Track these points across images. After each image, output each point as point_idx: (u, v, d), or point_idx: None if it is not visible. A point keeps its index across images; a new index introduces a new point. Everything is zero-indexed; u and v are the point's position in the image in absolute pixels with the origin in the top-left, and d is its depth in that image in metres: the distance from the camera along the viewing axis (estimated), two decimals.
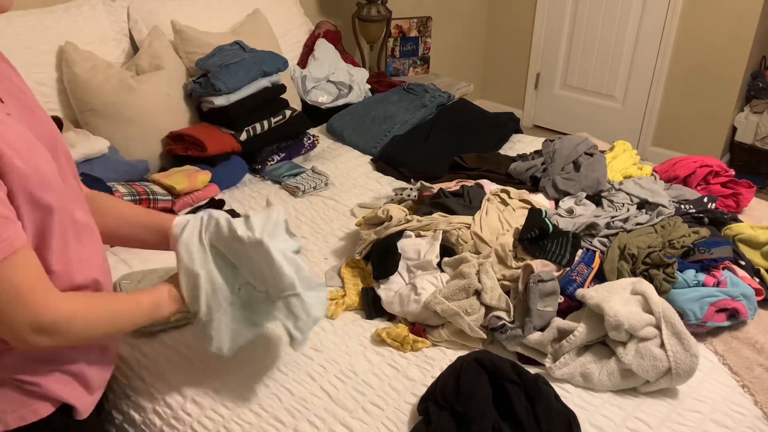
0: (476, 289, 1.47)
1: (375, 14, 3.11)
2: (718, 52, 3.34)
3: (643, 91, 3.70)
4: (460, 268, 1.51)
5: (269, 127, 2.29)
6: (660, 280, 1.50)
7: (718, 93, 3.42)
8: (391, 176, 2.29)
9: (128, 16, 2.31)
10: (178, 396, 1.35)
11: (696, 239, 1.65)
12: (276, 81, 2.36)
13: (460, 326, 1.43)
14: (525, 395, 1.20)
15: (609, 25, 3.68)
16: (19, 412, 0.95)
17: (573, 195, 1.93)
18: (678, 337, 1.31)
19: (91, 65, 2.07)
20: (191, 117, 2.29)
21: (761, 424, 1.25)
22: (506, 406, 1.19)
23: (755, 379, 1.36)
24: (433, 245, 1.63)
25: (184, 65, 2.31)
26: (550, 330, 1.39)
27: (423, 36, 3.54)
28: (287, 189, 2.19)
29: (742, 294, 1.48)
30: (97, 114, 2.07)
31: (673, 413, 1.28)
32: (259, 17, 2.58)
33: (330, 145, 2.54)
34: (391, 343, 1.46)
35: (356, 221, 1.93)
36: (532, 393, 1.20)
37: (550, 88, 4.09)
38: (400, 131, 2.51)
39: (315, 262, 1.79)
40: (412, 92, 2.76)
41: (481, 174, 2.14)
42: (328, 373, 1.39)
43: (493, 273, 1.52)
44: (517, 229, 1.69)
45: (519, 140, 2.57)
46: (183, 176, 2.00)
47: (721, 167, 2.04)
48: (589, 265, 1.57)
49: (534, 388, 1.21)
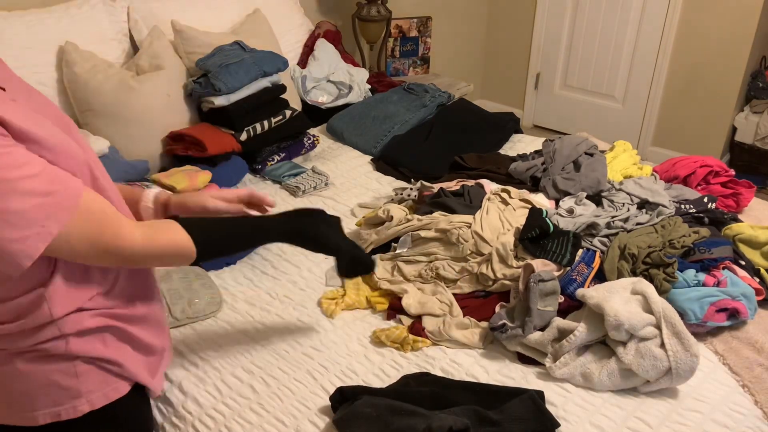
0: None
1: (375, 14, 3.11)
2: (718, 52, 3.34)
3: (643, 91, 3.70)
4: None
5: (269, 127, 2.29)
6: (660, 279, 1.50)
7: (718, 93, 3.42)
8: (391, 176, 2.29)
9: (128, 16, 2.31)
10: (179, 394, 1.35)
11: (696, 239, 1.65)
12: (276, 81, 2.36)
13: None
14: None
15: (609, 25, 3.68)
16: (104, 390, 1.02)
17: (573, 195, 1.93)
18: (678, 336, 1.31)
19: (91, 65, 2.07)
20: (191, 117, 2.29)
21: (761, 424, 1.25)
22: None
23: (755, 379, 1.36)
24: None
25: (184, 65, 2.31)
26: (550, 330, 1.39)
27: (423, 36, 3.54)
28: (287, 189, 2.19)
29: (742, 294, 1.48)
30: (97, 114, 2.07)
31: (673, 413, 1.28)
32: (259, 17, 2.58)
33: (330, 145, 2.54)
34: (390, 345, 1.46)
35: (356, 221, 1.93)
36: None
37: (550, 88, 4.09)
38: (400, 131, 2.51)
39: (315, 262, 1.79)
40: (412, 92, 2.76)
41: (481, 174, 2.14)
42: (329, 372, 1.39)
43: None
44: (517, 228, 1.70)
45: (519, 140, 2.57)
46: (183, 176, 2.00)
47: (721, 167, 2.04)
48: (590, 264, 1.58)
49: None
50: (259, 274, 1.75)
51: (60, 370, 0.97)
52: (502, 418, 1.20)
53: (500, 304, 1.54)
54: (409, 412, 1.19)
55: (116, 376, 1.04)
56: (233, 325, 1.55)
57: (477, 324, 1.49)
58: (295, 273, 1.74)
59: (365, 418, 1.17)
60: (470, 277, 1.63)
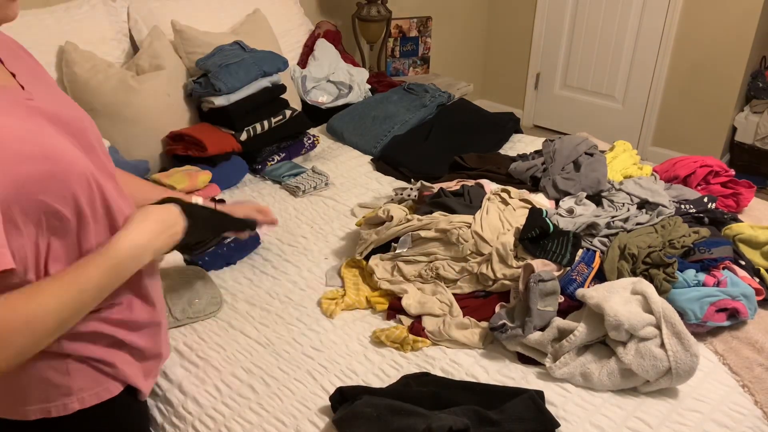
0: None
1: (375, 14, 3.11)
2: (718, 52, 3.34)
3: (643, 91, 3.70)
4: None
5: (269, 127, 2.29)
6: (660, 279, 1.50)
7: (718, 93, 3.42)
8: (391, 176, 2.29)
9: (128, 16, 2.31)
10: (179, 394, 1.35)
11: (696, 239, 1.65)
12: (276, 81, 2.36)
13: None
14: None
15: (609, 25, 3.68)
16: (96, 390, 1.02)
17: (573, 195, 1.93)
18: (678, 336, 1.31)
19: (91, 65, 2.07)
20: (191, 117, 2.29)
21: (761, 424, 1.25)
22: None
23: (755, 379, 1.36)
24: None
25: (184, 65, 2.31)
26: (550, 330, 1.39)
27: (423, 36, 3.54)
28: (287, 189, 2.19)
29: (742, 294, 1.48)
30: (97, 114, 2.07)
31: (673, 413, 1.28)
32: (259, 17, 2.58)
33: (330, 145, 2.54)
34: (390, 345, 1.46)
35: (356, 221, 1.93)
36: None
37: (550, 88, 4.09)
38: (400, 131, 2.51)
39: (315, 262, 1.79)
40: (412, 92, 2.76)
41: (481, 174, 2.14)
42: (329, 372, 1.39)
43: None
44: (517, 228, 1.70)
45: (519, 140, 2.57)
46: (184, 176, 2.00)
47: (721, 167, 2.04)
48: (590, 264, 1.58)
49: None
50: (259, 274, 1.75)
51: (51, 367, 0.97)
52: (502, 418, 1.20)
53: (500, 304, 1.54)
54: (409, 412, 1.19)
55: (108, 377, 1.03)
56: (233, 325, 1.55)
57: (477, 324, 1.49)
58: (295, 273, 1.74)
59: (365, 418, 1.17)
60: (470, 277, 1.63)
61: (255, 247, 1.84)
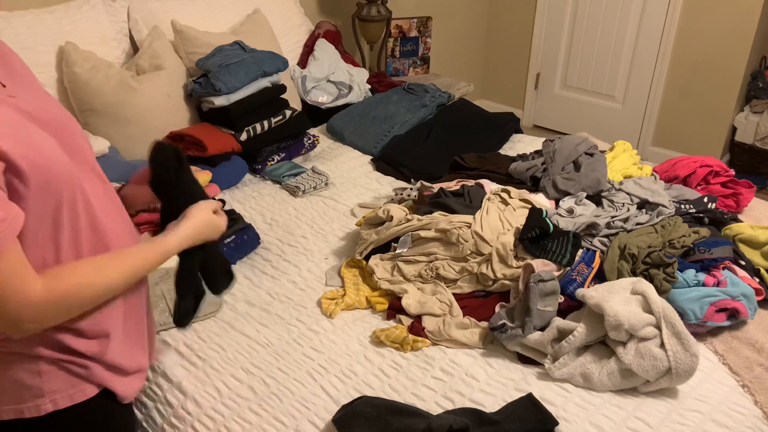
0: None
1: (375, 14, 3.11)
2: (718, 52, 3.34)
3: (643, 91, 3.70)
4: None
5: (269, 127, 2.29)
6: (660, 279, 1.50)
7: (718, 93, 3.42)
8: (391, 176, 2.29)
9: (128, 16, 2.31)
10: (179, 394, 1.35)
11: (696, 239, 1.65)
12: (276, 81, 2.36)
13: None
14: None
15: (609, 25, 3.68)
16: (69, 392, 1.00)
17: (573, 195, 1.93)
18: (678, 336, 1.31)
19: (91, 65, 2.07)
20: (191, 117, 2.29)
21: (761, 424, 1.25)
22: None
23: (755, 379, 1.36)
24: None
25: (185, 65, 2.31)
26: (550, 330, 1.39)
27: (423, 36, 3.54)
28: (287, 189, 2.19)
29: (742, 294, 1.48)
30: (97, 114, 2.07)
31: (673, 413, 1.28)
32: (259, 17, 2.58)
33: (330, 145, 2.54)
34: (390, 345, 1.46)
35: (356, 221, 1.93)
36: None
37: (550, 88, 4.09)
38: (400, 131, 2.51)
39: (315, 263, 1.79)
40: (412, 92, 2.76)
41: (481, 174, 2.14)
42: (329, 373, 1.39)
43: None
44: (517, 228, 1.69)
45: (519, 140, 2.57)
46: None
47: (721, 167, 2.04)
48: (590, 264, 1.58)
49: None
50: (259, 274, 1.75)
51: (23, 368, 0.96)
52: (501, 418, 1.20)
53: (500, 304, 1.54)
54: (409, 412, 1.19)
55: (82, 379, 1.01)
56: (233, 325, 1.55)
57: (477, 324, 1.49)
58: (295, 273, 1.74)
59: (365, 418, 1.17)
60: (470, 277, 1.63)
61: (255, 247, 1.84)
